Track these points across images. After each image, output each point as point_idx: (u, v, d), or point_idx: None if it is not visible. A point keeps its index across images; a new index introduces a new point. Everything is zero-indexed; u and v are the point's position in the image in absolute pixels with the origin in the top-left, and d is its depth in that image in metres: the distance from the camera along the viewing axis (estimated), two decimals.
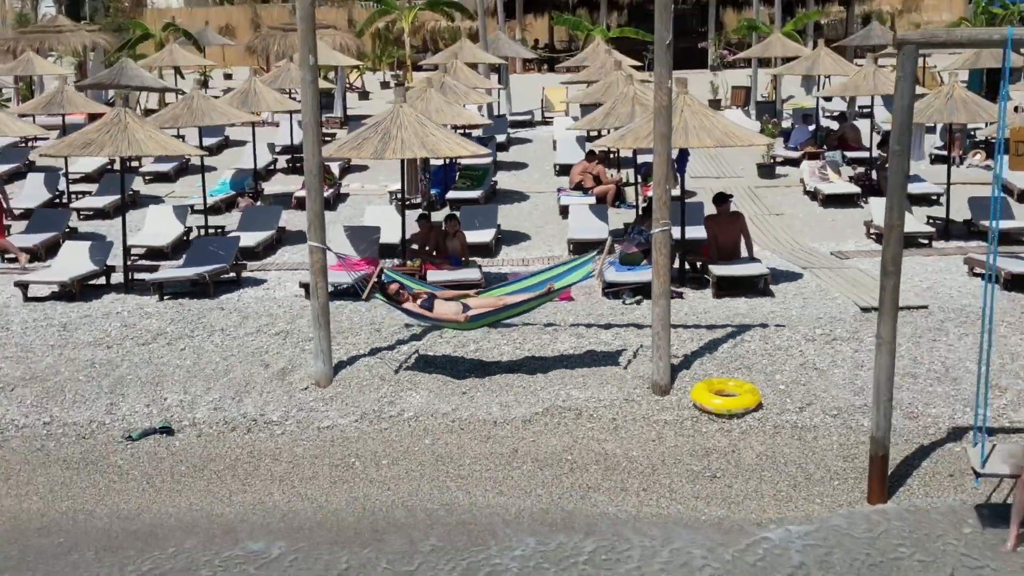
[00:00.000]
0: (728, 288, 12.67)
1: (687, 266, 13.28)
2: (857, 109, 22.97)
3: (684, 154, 13.08)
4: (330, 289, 10.76)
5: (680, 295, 12.46)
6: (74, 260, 13.64)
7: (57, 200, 18.52)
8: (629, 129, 13.36)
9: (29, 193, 18.46)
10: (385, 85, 32.63)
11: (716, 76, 29.62)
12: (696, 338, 11.08)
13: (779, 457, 9.32)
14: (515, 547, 8.26)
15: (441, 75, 19.85)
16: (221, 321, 12.03)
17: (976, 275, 13.07)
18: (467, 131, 20.35)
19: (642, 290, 12.07)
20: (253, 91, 19.32)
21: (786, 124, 23.41)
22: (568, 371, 10.53)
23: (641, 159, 16.55)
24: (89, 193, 18.94)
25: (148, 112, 25.51)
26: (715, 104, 27.58)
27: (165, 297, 12.90)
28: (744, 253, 13.32)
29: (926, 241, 15.04)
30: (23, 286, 13.17)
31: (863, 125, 21.22)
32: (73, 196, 18.60)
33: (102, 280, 13.51)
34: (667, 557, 8.09)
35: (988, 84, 24.48)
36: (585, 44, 30.60)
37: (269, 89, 19.93)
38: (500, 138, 22.77)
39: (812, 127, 21.77)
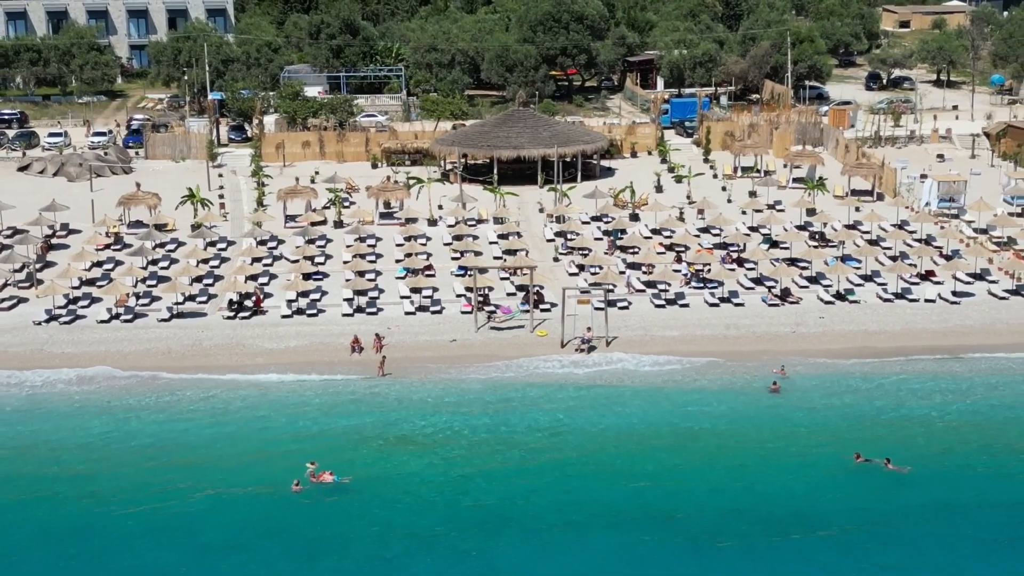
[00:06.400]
0: (545, 310, 64.95)
1: (538, 306, 65.37)
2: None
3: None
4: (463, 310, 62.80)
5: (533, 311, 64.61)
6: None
7: None
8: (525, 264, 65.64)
9: None
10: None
11: (543, 195, 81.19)
12: (539, 321, 63.02)
13: (545, 344, 61.19)
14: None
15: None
16: (452, 319, 63.53)
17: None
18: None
19: (529, 312, 64.09)
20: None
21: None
22: (517, 331, 62.27)
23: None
24: None
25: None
26: (542, 211, 79.67)
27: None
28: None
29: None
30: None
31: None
32: None
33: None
34: (540, 365, 60.06)
35: None
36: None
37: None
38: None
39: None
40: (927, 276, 68.13)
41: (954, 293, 65.94)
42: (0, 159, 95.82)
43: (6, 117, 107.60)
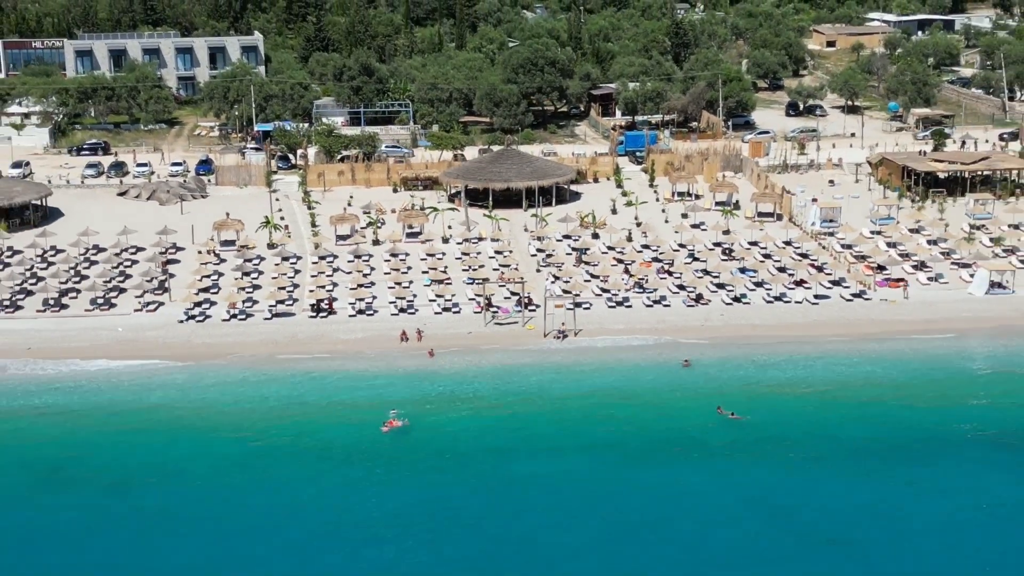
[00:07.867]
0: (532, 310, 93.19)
1: (527, 307, 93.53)
2: None
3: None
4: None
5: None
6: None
7: None
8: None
9: None
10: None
11: (527, 218, 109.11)
12: (528, 319, 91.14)
13: (532, 335, 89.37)
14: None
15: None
16: (466, 318, 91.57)
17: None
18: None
19: (521, 312, 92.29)
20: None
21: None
22: (511, 325, 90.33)
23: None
24: None
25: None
26: (527, 230, 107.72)
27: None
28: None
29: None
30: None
31: None
32: None
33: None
34: (529, 349, 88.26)
35: None
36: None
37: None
38: None
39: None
40: (800, 283, 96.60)
41: (816, 296, 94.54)
42: (102, 186, 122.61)
43: (87, 148, 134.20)
